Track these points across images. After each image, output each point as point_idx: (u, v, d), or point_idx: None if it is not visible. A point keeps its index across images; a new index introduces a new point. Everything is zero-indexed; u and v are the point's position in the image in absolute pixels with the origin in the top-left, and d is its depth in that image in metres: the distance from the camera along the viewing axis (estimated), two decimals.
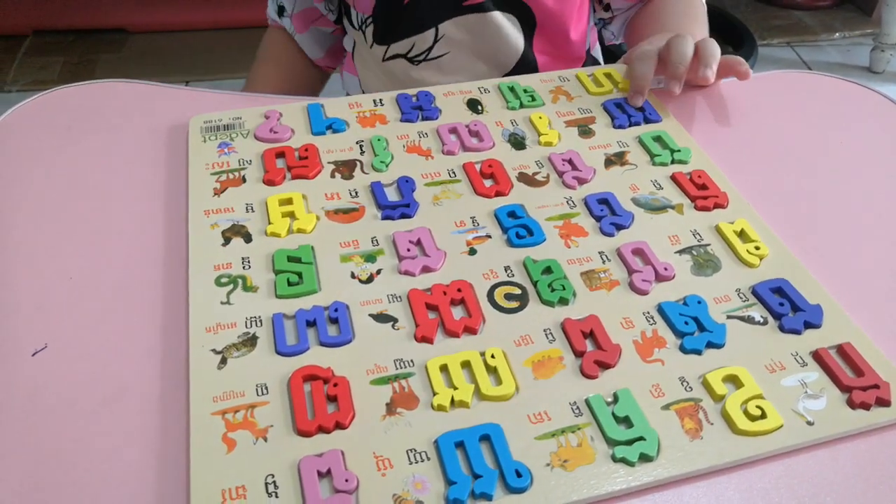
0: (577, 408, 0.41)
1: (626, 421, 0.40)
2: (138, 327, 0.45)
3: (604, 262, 0.49)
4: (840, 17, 2.25)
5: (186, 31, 2.04)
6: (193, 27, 2.05)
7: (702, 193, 0.54)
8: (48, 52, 1.95)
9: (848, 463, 0.40)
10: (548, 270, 0.48)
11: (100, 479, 0.38)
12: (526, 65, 0.75)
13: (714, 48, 0.62)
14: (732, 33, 1.91)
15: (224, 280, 0.47)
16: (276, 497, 0.36)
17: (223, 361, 0.42)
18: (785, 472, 0.39)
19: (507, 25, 0.72)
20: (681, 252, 0.50)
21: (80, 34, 2.01)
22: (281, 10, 0.80)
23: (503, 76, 0.74)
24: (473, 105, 0.63)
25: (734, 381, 0.42)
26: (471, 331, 0.44)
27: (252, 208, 0.53)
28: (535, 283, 0.47)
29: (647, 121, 0.62)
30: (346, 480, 0.37)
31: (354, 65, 0.81)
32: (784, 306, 0.46)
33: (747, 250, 0.50)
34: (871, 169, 0.60)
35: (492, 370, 0.42)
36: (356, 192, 0.54)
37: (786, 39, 2.15)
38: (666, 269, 0.48)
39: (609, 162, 0.58)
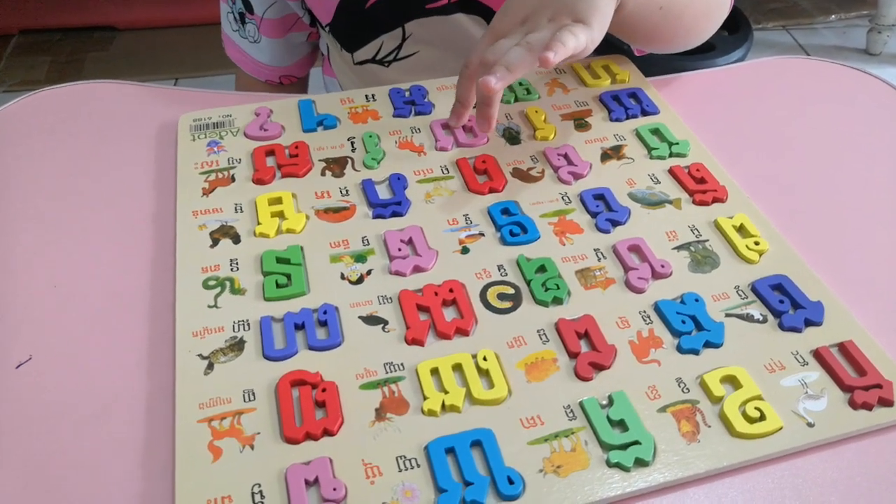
0: (571, 411, 0.40)
1: (621, 424, 0.39)
2: (125, 336, 0.44)
3: (599, 259, 0.48)
4: None
5: (175, 28, 2.03)
6: (182, 23, 2.04)
7: (700, 187, 0.53)
8: (35, 51, 1.94)
9: (853, 461, 0.39)
10: (542, 269, 0.47)
11: (86, 490, 0.37)
12: None
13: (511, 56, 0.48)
14: (727, 18, 1.89)
15: (212, 283, 0.46)
16: None
17: (210, 367, 0.41)
18: (789, 472, 0.38)
19: (472, 27, 0.70)
20: (678, 248, 0.49)
21: (68, 32, 2.00)
22: (242, 17, 0.76)
23: None
24: None
25: (732, 381, 0.41)
26: (463, 332, 0.43)
27: (241, 208, 0.52)
28: (528, 283, 0.46)
29: (645, 113, 0.61)
30: (334, 489, 0.36)
31: (332, 67, 0.80)
32: (784, 303, 0.45)
33: (747, 246, 0.49)
34: (872, 156, 0.59)
35: (484, 373, 0.41)
36: (347, 191, 0.53)
37: (781, 23, 2.12)
38: (663, 266, 0.47)
39: (605, 156, 0.56)
